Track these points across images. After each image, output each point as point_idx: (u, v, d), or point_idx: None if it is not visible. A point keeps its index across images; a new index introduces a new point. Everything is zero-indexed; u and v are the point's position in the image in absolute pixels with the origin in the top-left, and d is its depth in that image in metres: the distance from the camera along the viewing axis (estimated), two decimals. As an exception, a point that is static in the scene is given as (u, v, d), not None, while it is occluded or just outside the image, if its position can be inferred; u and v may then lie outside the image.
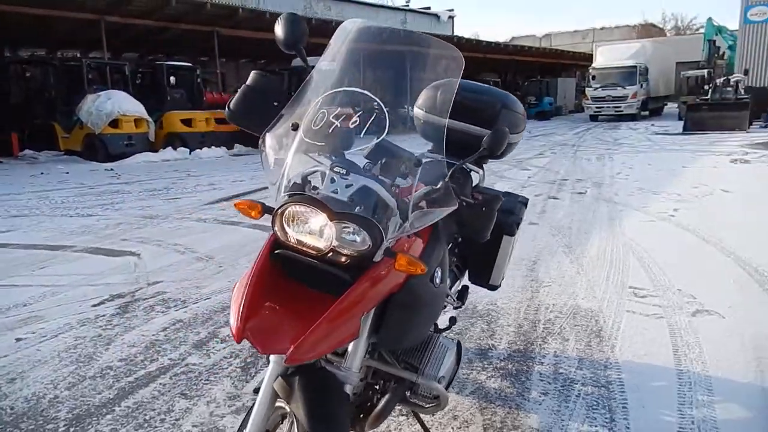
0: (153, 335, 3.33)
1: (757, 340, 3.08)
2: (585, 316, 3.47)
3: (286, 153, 1.53)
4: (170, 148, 13.59)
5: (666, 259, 4.53)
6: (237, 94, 1.68)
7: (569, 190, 8.10)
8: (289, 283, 1.50)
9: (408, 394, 1.86)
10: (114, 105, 12.68)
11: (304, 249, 1.43)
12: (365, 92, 1.47)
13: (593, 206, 6.85)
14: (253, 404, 1.55)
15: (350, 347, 1.62)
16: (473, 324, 3.37)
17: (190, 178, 10.40)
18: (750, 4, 22.59)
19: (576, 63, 34.94)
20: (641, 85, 24.62)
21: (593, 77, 24.84)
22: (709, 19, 25.19)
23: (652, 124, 22.29)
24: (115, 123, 12.70)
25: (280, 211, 1.43)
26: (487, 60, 26.55)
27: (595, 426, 2.35)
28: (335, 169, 1.45)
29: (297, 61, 15.01)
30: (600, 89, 23.93)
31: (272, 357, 1.52)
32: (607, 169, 10.35)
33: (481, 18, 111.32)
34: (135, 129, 13.12)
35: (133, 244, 5.39)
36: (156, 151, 13.44)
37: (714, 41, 24.76)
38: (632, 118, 24.20)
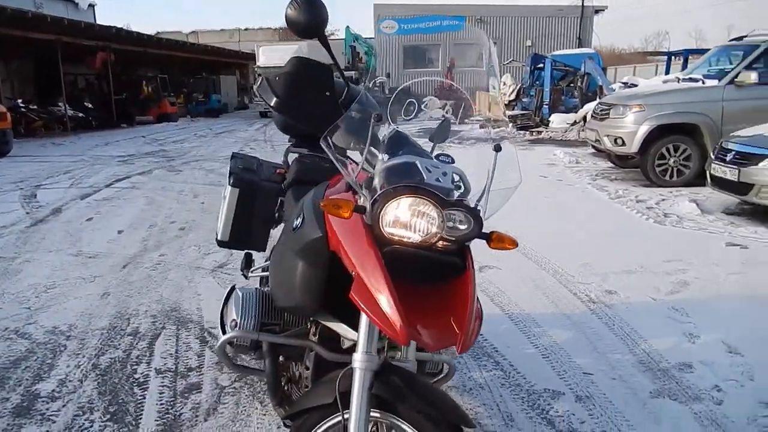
0: (-65, 419, 2.40)
1: (534, 282, 3.99)
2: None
3: (372, 147, 1.43)
4: None
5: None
6: (278, 81, 1.45)
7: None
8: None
9: None
10: None
11: (411, 242, 1.37)
12: (452, 83, 1.48)
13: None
14: None
15: None
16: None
17: None
18: (381, 18, 26.72)
19: (235, 61, 35.57)
20: (302, 84, 26.71)
21: (259, 75, 25.84)
22: (347, 27, 28.85)
23: (318, 120, 24.54)
24: None
25: (386, 205, 1.35)
26: (148, 54, 24.87)
27: (491, 370, 2.78)
28: (441, 158, 1.44)
29: None
30: (267, 87, 25.05)
31: (357, 364, 1.42)
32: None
33: (125, 10, 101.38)
34: None
35: None
36: None
37: (354, 47, 28.50)
38: (298, 114, 26.13)
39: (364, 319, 1.45)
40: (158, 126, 20.03)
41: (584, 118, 12.23)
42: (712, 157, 6.05)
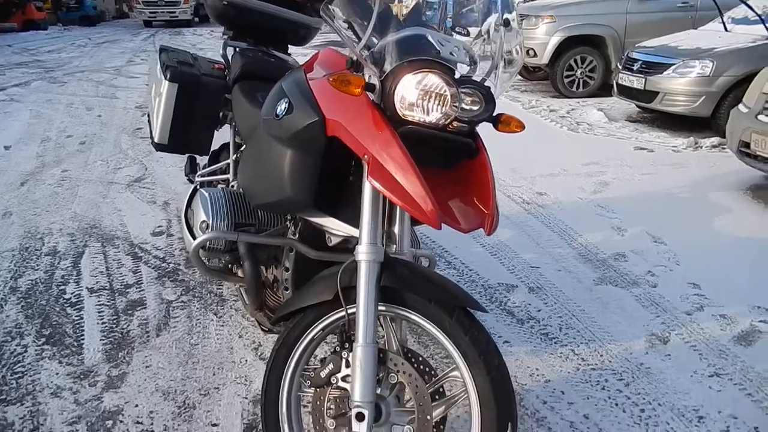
0: None
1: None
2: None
3: (367, 22, 1.26)
4: None
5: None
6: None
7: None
8: None
9: None
10: None
11: (426, 122, 1.26)
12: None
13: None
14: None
15: (397, 231, 1.52)
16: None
17: None
18: None
19: (109, -38, 31.79)
20: (190, -10, 24.42)
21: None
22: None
23: (211, 31, 22.74)
24: None
25: (400, 81, 1.21)
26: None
27: (444, 269, 2.82)
28: (457, 29, 1.30)
29: None
30: (151, -7, 22.69)
31: (363, 256, 1.33)
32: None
33: None
34: None
35: None
36: None
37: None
38: (188, 24, 24.03)
39: (366, 209, 1.34)
40: (25, 34, 17.60)
41: (488, 31, 12.28)
42: (619, 66, 6.31)
